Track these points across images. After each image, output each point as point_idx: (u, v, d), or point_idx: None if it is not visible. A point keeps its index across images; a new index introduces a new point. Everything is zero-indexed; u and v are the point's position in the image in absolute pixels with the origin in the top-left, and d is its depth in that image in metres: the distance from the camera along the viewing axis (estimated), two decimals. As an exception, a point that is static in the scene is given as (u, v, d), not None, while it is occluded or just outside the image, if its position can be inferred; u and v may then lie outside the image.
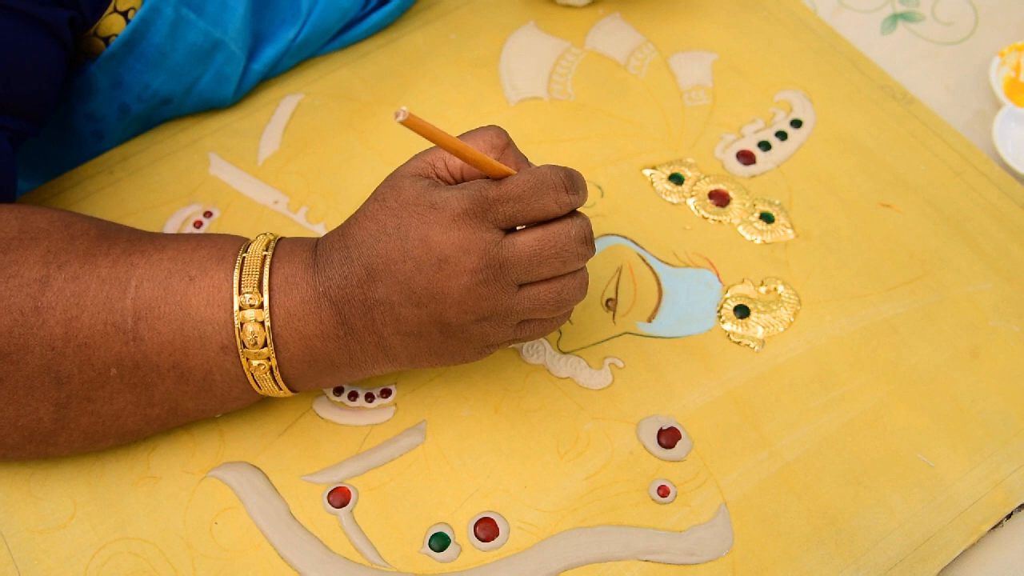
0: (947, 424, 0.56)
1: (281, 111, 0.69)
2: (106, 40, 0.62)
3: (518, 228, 0.48)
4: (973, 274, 0.61)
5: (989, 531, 0.53)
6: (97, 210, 0.65)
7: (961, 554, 0.53)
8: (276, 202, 0.65)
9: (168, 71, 0.65)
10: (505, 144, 0.49)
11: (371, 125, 0.69)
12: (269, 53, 0.68)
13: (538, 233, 0.48)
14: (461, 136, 0.49)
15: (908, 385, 0.57)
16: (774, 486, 0.54)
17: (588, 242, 0.49)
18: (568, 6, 0.74)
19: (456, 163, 0.50)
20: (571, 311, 0.53)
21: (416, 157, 0.50)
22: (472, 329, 0.49)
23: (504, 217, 0.47)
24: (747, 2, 0.74)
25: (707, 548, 0.52)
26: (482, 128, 0.50)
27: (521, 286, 0.49)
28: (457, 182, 0.50)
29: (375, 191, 0.50)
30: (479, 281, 0.47)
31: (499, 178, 0.48)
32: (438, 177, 0.50)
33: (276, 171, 0.66)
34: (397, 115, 0.41)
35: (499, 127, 0.50)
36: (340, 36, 0.72)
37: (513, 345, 0.55)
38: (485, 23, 0.74)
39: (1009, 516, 0.54)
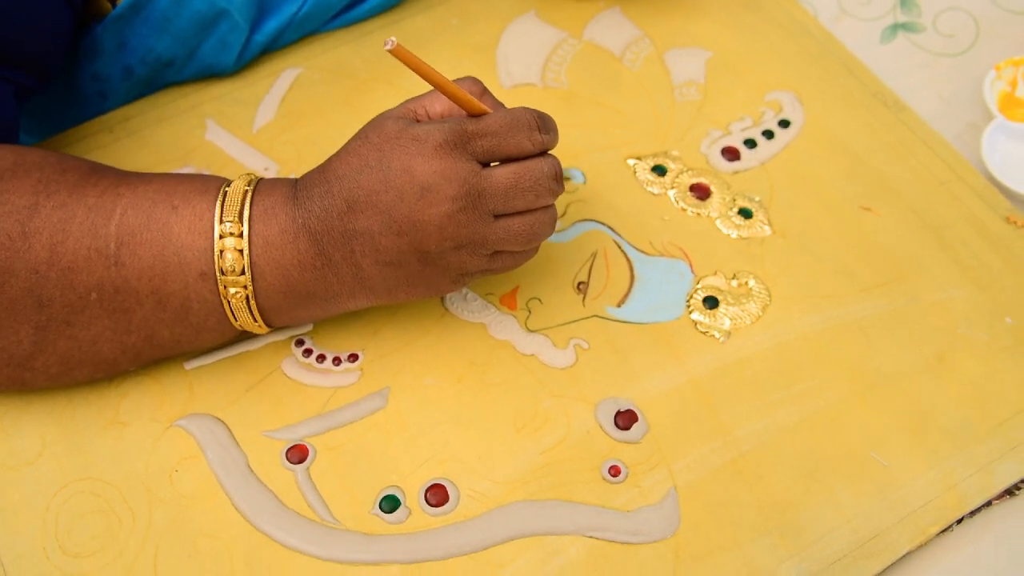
0: (906, 426, 0.56)
1: (280, 83, 0.71)
2: (113, 2, 0.65)
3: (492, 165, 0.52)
4: (947, 281, 0.61)
5: (937, 534, 0.53)
6: (95, 167, 0.67)
7: (907, 555, 0.53)
8: (266, 169, 0.66)
9: (172, 36, 0.67)
10: (481, 91, 0.54)
11: (367, 101, 0.70)
12: (272, 25, 0.70)
13: (514, 167, 0.51)
14: None
15: (871, 385, 0.58)
16: (726, 474, 0.55)
17: (559, 179, 0.53)
18: (570, -3, 0.75)
19: (436, 109, 0.53)
20: (539, 247, 0.56)
21: (400, 104, 0.54)
22: (449, 257, 0.51)
23: (481, 151, 0.51)
24: (748, 2, 0.75)
25: (652, 529, 0.53)
26: (459, 78, 0.53)
27: (497, 217, 0.52)
28: None
29: (359, 131, 0.53)
30: (459, 208, 0.50)
31: (476, 116, 0.51)
32: (419, 121, 0.52)
33: (270, 140, 0.68)
34: (386, 43, 0.45)
35: (475, 77, 0.54)
36: (344, 14, 0.73)
37: (487, 275, 0.57)
38: (487, 10, 0.75)
39: (960, 521, 0.54)
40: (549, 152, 0.53)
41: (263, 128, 0.69)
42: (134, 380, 0.57)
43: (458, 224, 0.50)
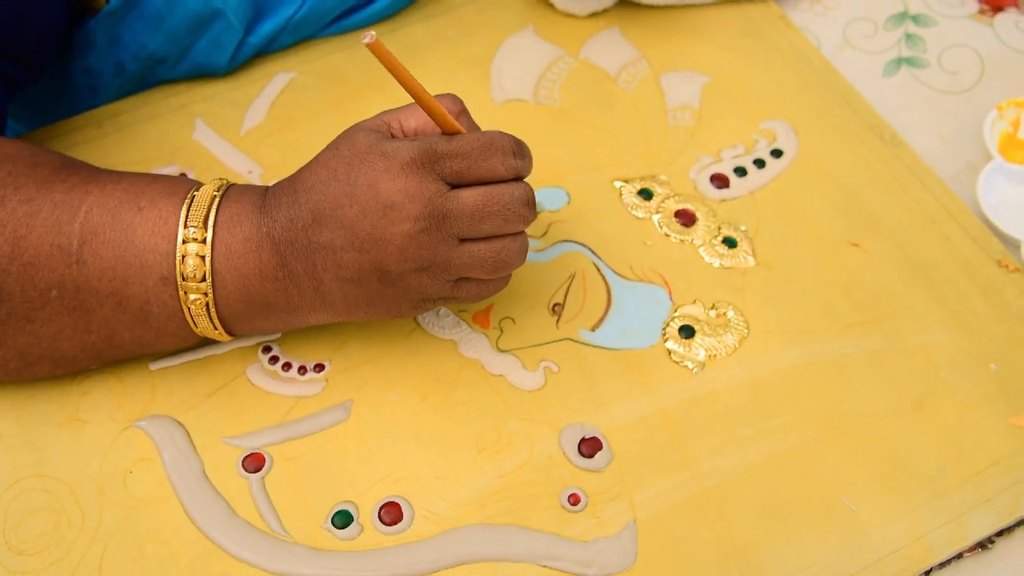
0: (877, 471, 0.55)
1: (272, 86, 0.70)
2: (107, -2, 0.64)
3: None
4: (931, 323, 0.60)
5: (903, 584, 0.52)
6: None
7: (869, 603, 0.51)
8: (250, 172, 0.66)
9: (165, 34, 0.67)
10: (460, 111, 0.52)
11: (358, 109, 0.69)
12: (267, 28, 0.70)
13: (482, 190, 0.50)
14: None
15: (844, 427, 0.56)
16: (688, 509, 0.53)
17: (530, 205, 0.51)
18: (569, 14, 0.74)
19: (411, 124, 0.52)
20: (508, 279, 0.54)
21: (375, 116, 0.52)
22: (410, 279, 0.50)
23: (451, 172, 0.49)
24: (749, 28, 0.74)
25: (607, 562, 0.52)
26: (439, 95, 0.52)
27: (462, 241, 0.50)
28: None
29: (331, 143, 0.52)
30: (421, 229, 0.49)
31: (450, 135, 0.49)
32: (392, 135, 0.51)
33: (256, 143, 0.67)
34: (364, 37, 0.43)
35: (455, 95, 0.52)
36: (341, 21, 0.73)
37: (451, 304, 0.56)
38: (485, 23, 0.74)
39: (928, 573, 0.52)
40: (523, 179, 0.52)
41: (251, 131, 0.68)
42: (97, 378, 0.57)
43: (419, 245, 0.49)
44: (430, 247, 0.49)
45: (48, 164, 0.53)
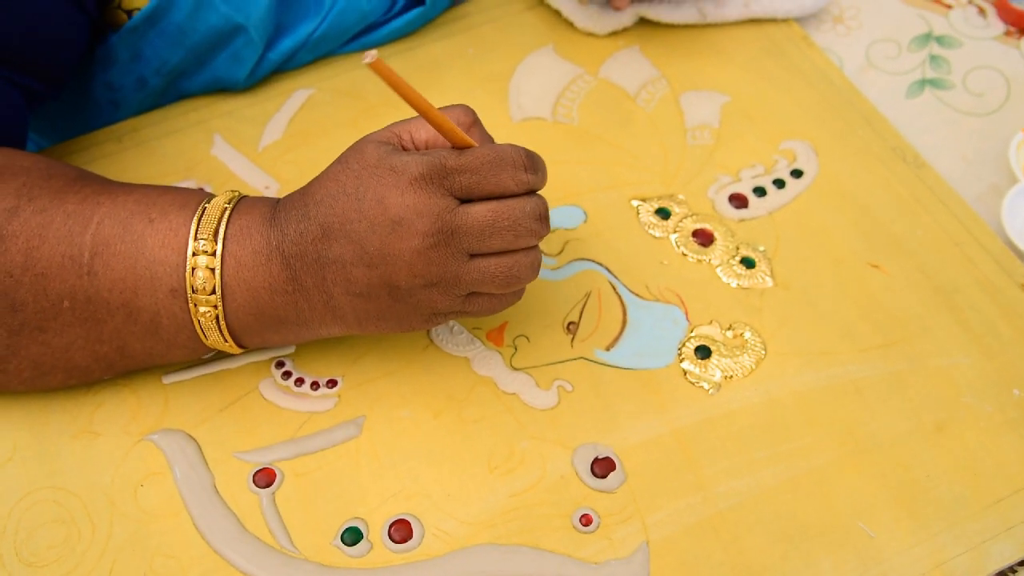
0: (896, 496, 0.54)
1: (291, 103, 0.71)
2: (129, 13, 0.65)
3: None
4: (953, 347, 0.59)
5: (921, 613, 0.51)
6: (101, 175, 0.67)
7: (887, 632, 0.50)
8: (267, 187, 0.66)
9: (187, 49, 0.67)
10: (471, 122, 0.51)
11: (375, 125, 0.68)
12: (287, 44, 0.70)
13: (492, 205, 0.49)
14: None
15: (862, 450, 0.55)
16: (701, 532, 0.52)
17: (543, 219, 0.50)
18: (589, 33, 0.74)
19: (421, 136, 0.51)
20: (521, 293, 0.54)
21: (385, 127, 0.52)
22: (420, 294, 0.50)
23: (460, 187, 0.49)
24: (769, 49, 0.73)
25: (619, 584, 0.51)
26: (451, 105, 0.51)
27: (472, 256, 0.50)
28: None
29: (341, 155, 0.51)
30: (430, 245, 0.48)
31: (461, 148, 0.49)
32: (402, 147, 0.51)
33: (273, 159, 0.68)
34: (365, 57, 0.42)
35: (467, 105, 0.52)
36: (360, 38, 0.73)
37: (463, 318, 0.55)
38: (504, 41, 0.74)
39: (947, 601, 0.51)
40: (537, 192, 0.51)
41: (269, 147, 0.68)
42: (111, 390, 0.57)
43: (428, 261, 0.48)
44: (439, 263, 0.49)
45: (62, 176, 0.53)
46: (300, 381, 0.58)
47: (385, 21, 0.73)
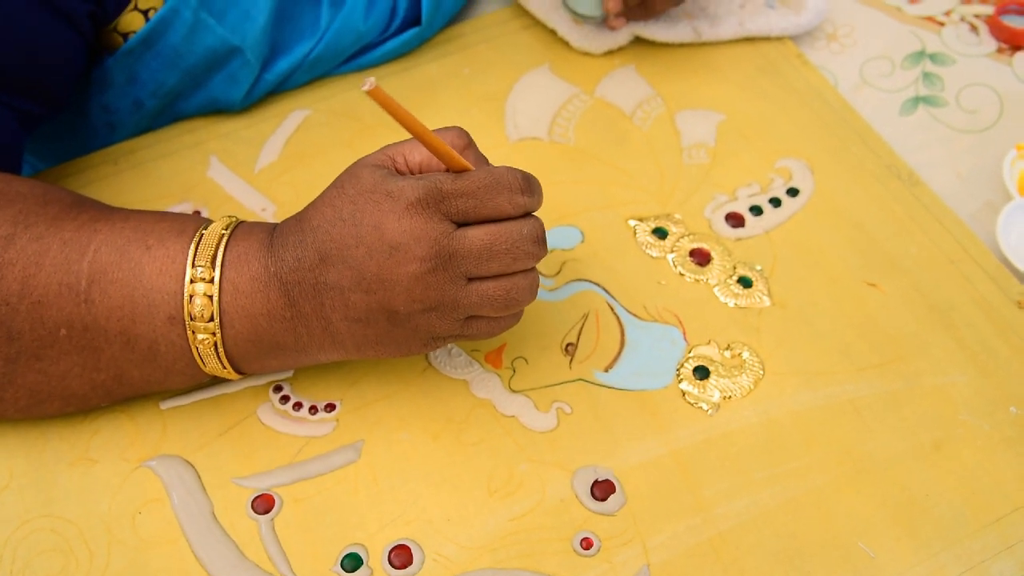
0: (896, 515, 0.54)
1: (287, 124, 0.71)
2: (125, 36, 0.65)
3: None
4: (950, 365, 0.59)
5: (922, 634, 0.51)
6: (97, 198, 0.66)
7: (888, 653, 0.50)
8: (264, 209, 0.66)
9: (183, 71, 0.67)
10: (466, 144, 0.51)
11: (371, 146, 0.68)
12: (283, 65, 0.70)
13: (490, 228, 0.49)
14: None
15: (861, 470, 0.55)
16: (702, 554, 0.52)
17: (540, 242, 0.50)
18: (585, 52, 0.74)
19: (416, 159, 0.51)
20: (520, 314, 0.54)
21: (378, 150, 0.52)
22: (419, 319, 0.50)
23: (457, 211, 0.48)
24: (764, 67, 0.74)
25: (620, 608, 0.51)
26: (445, 128, 0.51)
27: (470, 280, 0.50)
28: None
29: (336, 179, 0.51)
30: (427, 270, 0.48)
31: (457, 172, 0.49)
32: (397, 170, 0.51)
33: (270, 180, 0.68)
34: (364, 84, 0.42)
35: (461, 128, 0.52)
36: (356, 59, 0.73)
37: (462, 341, 0.55)
38: (500, 61, 0.74)
39: (948, 622, 0.51)
40: (533, 214, 0.51)
41: (265, 168, 0.68)
42: (108, 416, 0.57)
43: (427, 286, 0.48)
44: (437, 288, 0.49)
45: (58, 202, 0.53)
46: (298, 405, 0.57)
47: (381, 41, 0.73)
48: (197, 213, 0.66)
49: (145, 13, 0.64)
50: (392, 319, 0.50)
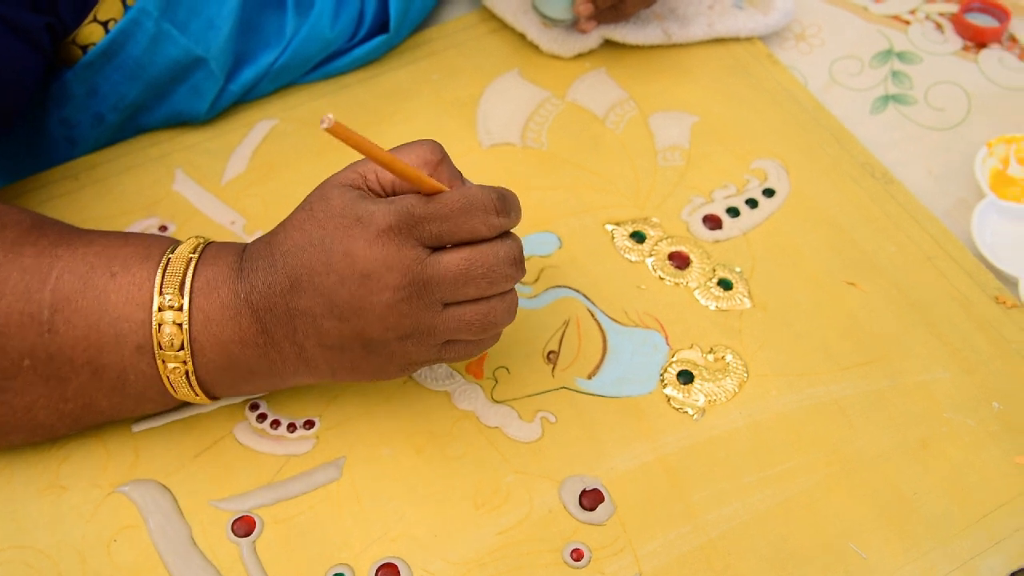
0: (885, 514, 0.53)
1: (254, 134, 0.69)
2: (84, 48, 0.63)
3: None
4: (932, 362, 0.59)
5: (917, 634, 0.50)
6: (58, 215, 0.64)
7: (884, 655, 0.50)
8: (233, 223, 0.64)
9: (145, 83, 0.65)
10: (439, 160, 0.49)
11: (340, 156, 0.67)
12: (248, 74, 0.68)
13: (465, 253, 0.47)
14: (394, 149, 0.48)
15: (849, 470, 0.55)
16: (694, 561, 0.52)
17: (517, 264, 0.48)
18: (554, 56, 0.73)
19: (387, 175, 0.49)
20: (499, 334, 0.52)
21: (348, 167, 0.50)
22: (394, 346, 0.48)
23: (430, 236, 0.47)
24: (735, 68, 0.73)
25: (614, 619, 0.50)
26: (417, 141, 0.49)
27: (446, 305, 0.48)
28: (388, 195, 0.49)
29: (305, 199, 0.49)
30: (401, 298, 0.46)
31: (430, 194, 0.47)
32: (369, 189, 0.49)
33: (238, 193, 0.66)
34: (322, 122, 0.40)
35: (435, 141, 0.49)
36: (323, 67, 0.72)
37: (444, 363, 0.54)
38: (469, 67, 0.73)
39: (941, 620, 0.51)
40: (510, 232, 0.49)
41: (233, 180, 0.67)
42: (78, 441, 0.55)
43: (401, 314, 0.47)
44: (412, 316, 0.47)
45: (16, 225, 0.51)
46: (276, 423, 0.56)
47: (348, 49, 0.72)
48: (164, 228, 0.64)
49: (105, 24, 0.62)
50: (367, 346, 0.48)
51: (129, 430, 0.55)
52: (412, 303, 0.47)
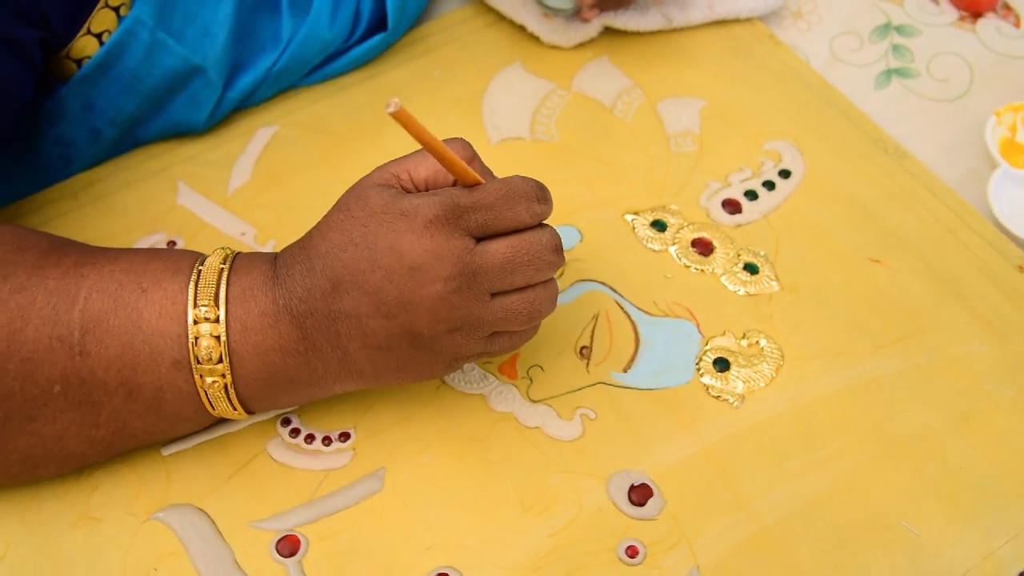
0: (935, 490, 0.53)
1: (255, 142, 0.67)
2: (78, 62, 0.61)
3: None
4: (966, 335, 0.59)
5: (978, 607, 0.50)
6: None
7: (948, 631, 0.50)
8: (243, 234, 0.62)
9: (142, 95, 0.63)
10: (471, 157, 0.49)
11: (346, 160, 0.67)
12: (246, 80, 0.66)
13: (511, 240, 0.47)
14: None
15: (894, 448, 0.55)
16: (750, 550, 0.51)
17: (559, 251, 0.49)
18: (555, 46, 0.72)
19: (421, 174, 0.48)
20: (539, 326, 0.52)
21: (379, 169, 0.49)
22: (443, 341, 0.47)
23: (476, 225, 0.46)
24: (738, 50, 0.73)
25: (677, 615, 0.49)
26: (448, 140, 0.48)
27: (493, 296, 0.48)
28: (421, 192, 0.48)
29: (339, 202, 0.48)
30: (452, 289, 0.46)
31: (470, 186, 0.47)
32: (403, 188, 0.48)
33: (245, 203, 0.64)
34: (388, 105, 0.40)
35: (464, 139, 0.49)
36: (320, 69, 0.70)
37: (484, 359, 0.54)
38: (470, 61, 0.72)
39: (1000, 591, 0.51)
40: (544, 221, 0.49)
41: (239, 190, 0.65)
42: (107, 469, 0.53)
43: (452, 306, 0.46)
44: (463, 307, 0.47)
45: (35, 247, 0.49)
46: (311, 438, 0.54)
47: (346, 49, 0.70)
48: (172, 243, 0.62)
49: (99, 36, 0.60)
50: (415, 343, 0.47)
51: (159, 454, 0.53)
52: (463, 294, 0.46)
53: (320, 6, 0.66)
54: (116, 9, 0.60)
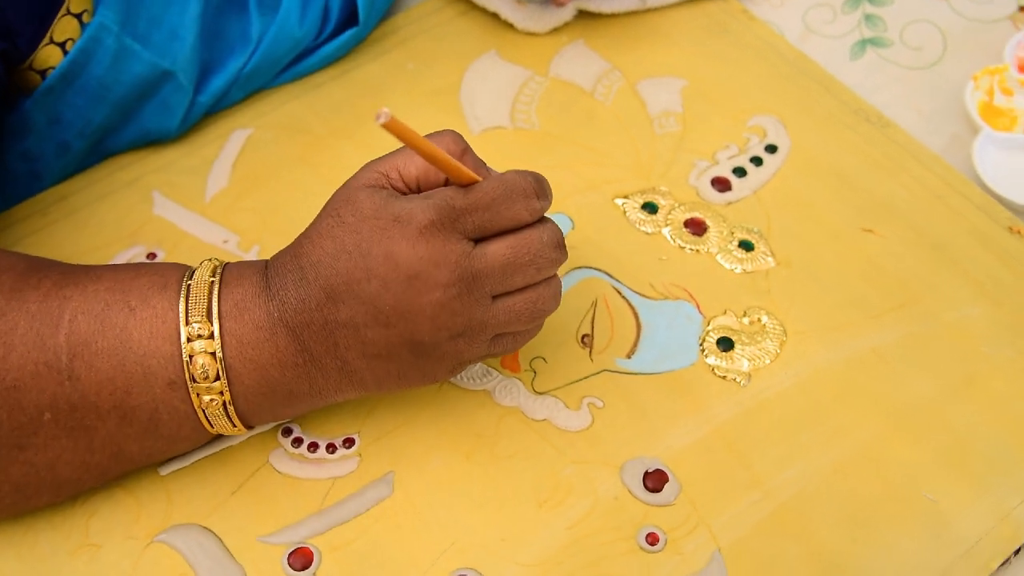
0: (946, 456, 0.53)
1: (230, 146, 0.65)
2: (42, 73, 0.58)
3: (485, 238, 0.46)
4: (961, 300, 0.59)
5: (998, 568, 0.50)
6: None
7: (971, 595, 0.50)
8: (226, 241, 0.61)
9: (111, 105, 0.61)
10: (463, 150, 0.47)
11: (326, 159, 0.65)
12: (217, 83, 0.64)
13: (510, 241, 0.45)
14: None
15: (901, 417, 0.54)
16: (769, 528, 0.51)
17: (560, 247, 0.47)
18: (530, 33, 0.71)
19: (412, 172, 0.46)
20: (543, 323, 0.50)
21: (366, 167, 0.47)
22: (445, 347, 0.46)
23: (473, 227, 0.45)
24: (713, 28, 0.72)
25: (702, 599, 0.48)
26: (439, 133, 0.47)
27: (495, 298, 0.46)
28: (412, 191, 0.47)
29: (327, 206, 0.46)
30: (452, 296, 0.44)
31: (465, 185, 0.45)
32: (393, 187, 0.46)
33: (225, 209, 0.62)
34: (378, 116, 0.38)
35: (456, 132, 0.47)
36: (292, 67, 0.68)
37: (488, 359, 0.53)
38: (444, 52, 0.71)
39: (1017, 552, 0.51)
40: (545, 216, 0.48)
41: (217, 196, 0.63)
42: (103, 494, 0.51)
43: (453, 312, 0.45)
44: (464, 312, 0.45)
45: (11, 269, 0.47)
46: (314, 446, 0.53)
47: (317, 47, 0.68)
48: (152, 256, 0.60)
49: (63, 45, 0.58)
50: (416, 350, 0.46)
51: (157, 474, 0.51)
52: (463, 299, 0.45)
53: (289, 4, 0.65)
54: (79, 16, 0.58)
